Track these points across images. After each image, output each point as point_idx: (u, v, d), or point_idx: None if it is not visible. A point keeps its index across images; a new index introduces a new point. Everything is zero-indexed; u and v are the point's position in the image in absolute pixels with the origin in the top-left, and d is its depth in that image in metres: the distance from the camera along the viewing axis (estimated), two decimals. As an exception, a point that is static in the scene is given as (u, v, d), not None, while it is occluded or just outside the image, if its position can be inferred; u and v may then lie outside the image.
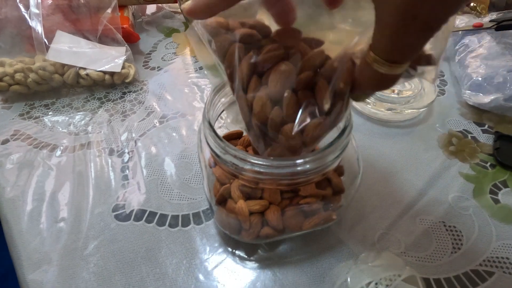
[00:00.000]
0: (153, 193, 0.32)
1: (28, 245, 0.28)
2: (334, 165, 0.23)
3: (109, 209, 0.31)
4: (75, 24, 0.45)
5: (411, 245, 0.27)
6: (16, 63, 0.42)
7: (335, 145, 0.21)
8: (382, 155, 0.35)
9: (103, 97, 0.44)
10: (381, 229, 0.28)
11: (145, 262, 0.27)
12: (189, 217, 0.30)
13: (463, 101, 0.40)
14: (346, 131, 0.21)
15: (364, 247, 0.27)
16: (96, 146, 0.37)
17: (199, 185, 0.33)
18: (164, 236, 0.29)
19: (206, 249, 0.28)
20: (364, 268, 0.26)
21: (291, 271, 0.26)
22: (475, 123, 0.38)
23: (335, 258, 0.27)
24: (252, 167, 0.21)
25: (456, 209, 0.30)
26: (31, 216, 0.30)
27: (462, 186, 0.31)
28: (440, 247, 0.27)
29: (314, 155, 0.21)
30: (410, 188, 0.31)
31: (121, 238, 0.28)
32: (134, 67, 0.46)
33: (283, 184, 0.23)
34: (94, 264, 0.27)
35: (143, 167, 0.35)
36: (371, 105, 0.38)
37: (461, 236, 0.28)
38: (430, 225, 0.28)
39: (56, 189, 0.33)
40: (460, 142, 0.36)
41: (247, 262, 0.27)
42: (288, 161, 0.21)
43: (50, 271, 0.27)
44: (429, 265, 0.26)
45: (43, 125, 0.40)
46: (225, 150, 0.21)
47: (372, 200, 0.31)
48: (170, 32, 0.57)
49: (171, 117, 0.41)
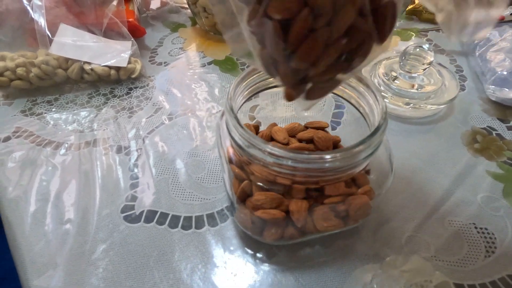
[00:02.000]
0: (163, 193, 0.30)
1: (32, 248, 0.27)
2: (363, 165, 0.21)
3: (118, 210, 0.29)
4: (79, 17, 0.44)
5: (441, 248, 0.26)
6: (17, 57, 0.40)
7: (367, 143, 0.20)
8: (403, 153, 0.33)
9: (109, 93, 0.42)
10: (408, 231, 0.27)
11: (157, 267, 0.25)
12: (203, 218, 0.28)
13: (485, 97, 0.39)
14: (380, 128, 0.20)
15: (390, 250, 0.26)
16: (102, 143, 0.35)
17: (212, 185, 0.31)
18: (177, 238, 0.27)
19: (222, 253, 0.26)
20: (392, 274, 0.24)
21: (314, 275, 0.24)
22: (499, 120, 0.36)
23: (359, 262, 0.25)
24: (278, 160, 0.19)
25: (486, 210, 0.28)
26: (34, 218, 0.29)
27: (491, 186, 0.30)
28: (473, 250, 0.25)
29: (344, 152, 0.19)
30: (435, 188, 0.30)
31: (131, 241, 0.27)
32: (140, 62, 0.44)
33: (309, 182, 0.22)
34: (103, 269, 0.25)
35: (152, 166, 0.33)
36: (388, 99, 0.36)
37: (494, 238, 0.26)
38: (460, 227, 0.27)
39: (61, 189, 0.31)
40: (485, 140, 0.34)
41: (267, 266, 0.25)
42: (315, 156, 0.19)
43: (56, 277, 0.25)
44: (462, 270, 0.24)
45: (46, 122, 0.38)
46: (250, 141, 0.19)
47: (396, 201, 0.29)
48: (176, 27, 0.55)
49: (180, 113, 0.39)
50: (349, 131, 0.34)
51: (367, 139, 0.19)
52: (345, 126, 0.35)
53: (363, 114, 0.25)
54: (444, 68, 0.38)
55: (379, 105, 0.21)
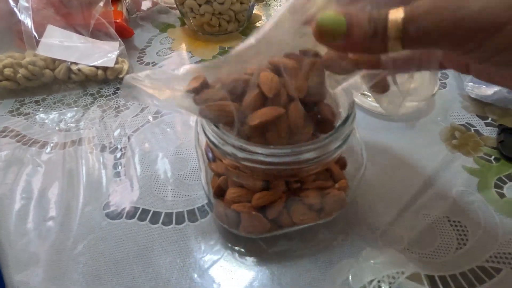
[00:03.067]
0: (146, 190, 0.31)
1: (15, 245, 0.27)
2: (336, 154, 0.22)
3: (100, 207, 0.29)
4: (67, 18, 0.44)
5: (415, 241, 0.26)
6: (5, 58, 0.41)
7: (338, 133, 0.20)
8: (382, 149, 0.34)
9: (96, 93, 0.43)
10: (383, 224, 0.27)
11: (137, 262, 0.26)
12: (183, 214, 0.29)
13: (465, 94, 0.39)
14: (349, 118, 0.20)
15: (366, 243, 0.26)
16: (87, 142, 0.36)
17: (195, 181, 0.31)
18: (157, 234, 0.27)
19: (201, 248, 0.27)
20: (366, 266, 0.25)
21: (290, 269, 0.25)
22: (478, 116, 0.37)
23: (336, 255, 0.26)
24: (252, 156, 0.20)
25: (460, 204, 0.29)
26: (19, 215, 0.29)
27: (466, 180, 0.30)
28: (445, 243, 0.26)
29: (316, 143, 0.20)
30: (412, 183, 0.30)
31: (112, 237, 0.27)
32: (127, 62, 0.45)
33: (283, 175, 0.22)
34: (84, 264, 0.26)
35: (137, 163, 0.33)
36: (371, 98, 0.37)
37: (466, 231, 0.27)
38: (434, 220, 0.27)
39: (45, 186, 0.31)
40: (463, 136, 0.35)
41: (244, 260, 0.26)
42: (288, 149, 0.19)
43: (37, 272, 0.25)
44: (434, 262, 0.25)
45: (33, 121, 0.39)
46: (223, 139, 0.20)
47: (373, 195, 0.29)
48: (166, 27, 0.56)
49: (166, 112, 0.39)
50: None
51: (338, 129, 0.20)
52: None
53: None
54: (425, 66, 0.39)
55: (347, 99, 0.22)
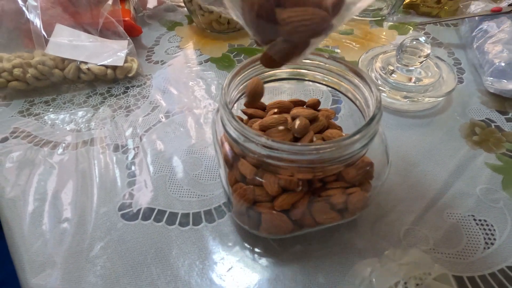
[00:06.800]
0: (161, 191, 0.30)
1: (31, 247, 0.27)
2: (360, 155, 0.21)
3: (115, 208, 0.29)
4: (75, 17, 0.44)
5: (440, 241, 0.25)
6: (14, 58, 0.40)
7: (362, 133, 0.19)
8: (401, 146, 0.33)
9: (106, 92, 0.42)
10: (406, 224, 0.27)
11: (155, 264, 0.25)
12: (200, 215, 0.28)
13: (483, 89, 0.38)
14: (375, 118, 0.20)
15: (389, 243, 0.26)
16: (99, 142, 0.35)
17: (210, 181, 0.31)
18: (174, 235, 0.27)
19: (220, 249, 0.26)
20: (391, 267, 0.24)
21: (312, 269, 0.24)
22: (498, 112, 0.36)
23: (358, 256, 0.25)
24: (271, 153, 0.19)
25: (485, 202, 0.28)
26: (32, 217, 0.29)
27: (490, 178, 0.29)
28: (472, 242, 0.25)
29: (339, 142, 0.19)
30: (434, 181, 0.30)
31: (128, 239, 0.27)
32: (137, 61, 0.44)
33: (304, 173, 0.21)
34: (101, 267, 0.25)
35: (150, 163, 0.33)
36: (386, 93, 0.36)
37: (493, 230, 0.26)
38: (459, 219, 0.27)
39: (58, 188, 0.31)
40: (483, 132, 0.34)
41: (264, 261, 0.25)
42: (309, 147, 0.19)
43: (54, 275, 0.25)
44: (461, 262, 0.24)
45: (44, 122, 0.38)
46: (244, 135, 0.19)
47: (394, 194, 0.29)
48: (173, 26, 0.55)
49: (177, 111, 0.39)
50: (346, 125, 0.34)
51: (362, 129, 0.19)
52: (343, 120, 0.34)
53: (359, 107, 0.25)
54: (442, 61, 0.38)
55: (374, 96, 0.21)
